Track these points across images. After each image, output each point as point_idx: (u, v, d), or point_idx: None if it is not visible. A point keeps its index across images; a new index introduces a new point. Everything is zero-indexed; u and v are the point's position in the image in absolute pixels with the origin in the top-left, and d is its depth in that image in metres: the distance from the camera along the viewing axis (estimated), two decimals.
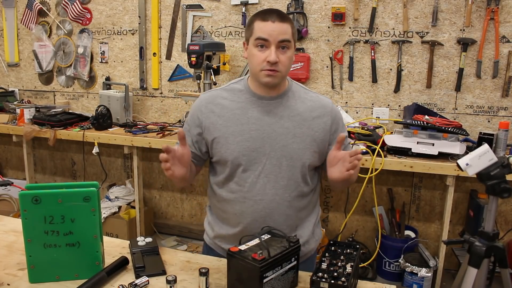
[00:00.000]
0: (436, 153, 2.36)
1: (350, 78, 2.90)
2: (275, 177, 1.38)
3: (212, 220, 1.55)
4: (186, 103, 3.32)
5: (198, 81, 2.82)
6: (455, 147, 2.35)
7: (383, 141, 2.47)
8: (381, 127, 2.76)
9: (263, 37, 1.31)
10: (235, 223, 1.43)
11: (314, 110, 1.43)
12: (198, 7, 3.15)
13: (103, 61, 3.50)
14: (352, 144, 2.48)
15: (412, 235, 2.82)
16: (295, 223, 1.45)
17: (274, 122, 1.39)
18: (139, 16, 3.29)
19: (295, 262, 1.20)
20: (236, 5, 3.03)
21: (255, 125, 1.38)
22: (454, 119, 2.71)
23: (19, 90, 3.84)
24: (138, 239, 1.41)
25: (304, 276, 1.25)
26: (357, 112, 2.94)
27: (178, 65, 3.29)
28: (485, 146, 1.42)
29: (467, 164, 1.41)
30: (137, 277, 1.23)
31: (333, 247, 1.34)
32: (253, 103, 1.40)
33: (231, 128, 1.39)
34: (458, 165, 1.43)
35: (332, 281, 1.13)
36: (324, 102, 1.46)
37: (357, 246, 1.33)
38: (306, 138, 1.40)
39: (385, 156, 2.42)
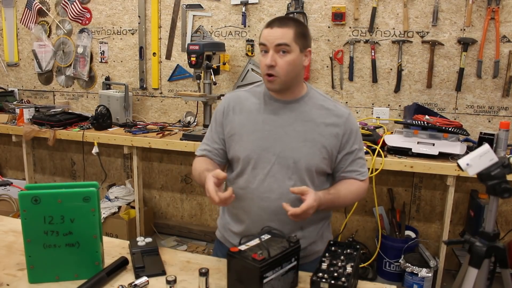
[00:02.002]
0: (437, 153, 2.35)
1: (350, 78, 2.90)
2: (282, 177, 1.41)
3: (223, 216, 1.60)
4: (186, 103, 3.32)
5: (198, 81, 2.82)
6: (455, 147, 2.34)
7: (384, 141, 2.46)
8: (381, 127, 2.76)
9: (262, 42, 1.38)
10: (243, 219, 1.48)
11: (328, 117, 1.44)
12: (198, 7, 3.14)
13: (102, 61, 3.50)
14: None
15: (413, 235, 2.82)
16: (299, 223, 1.45)
17: (287, 125, 1.43)
18: (139, 16, 3.28)
19: (295, 263, 1.20)
20: (236, 5, 3.03)
21: (269, 126, 1.43)
22: (455, 119, 2.71)
23: (18, 90, 3.84)
24: (138, 239, 1.41)
25: (304, 276, 1.25)
26: (357, 112, 2.94)
27: (178, 65, 3.29)
28: (486, 146, 1.42)
29: (467, 164, 1.41)
30: (137, 277, 1.23)
31: (333, 247, 1.34)
32: (270, 105, 1.46)
33: (246, 127, 1.45)
34: (458, 165, 1.42)
35: (332, 281, 1.13)
36: (340, 112, 1.46)
37: (357, 246, 1.33)
38: (317, 144, 1.42)
39: (385, 156, 2.41)
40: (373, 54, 2.81)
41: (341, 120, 1.45)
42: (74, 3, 3.40)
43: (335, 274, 1.16)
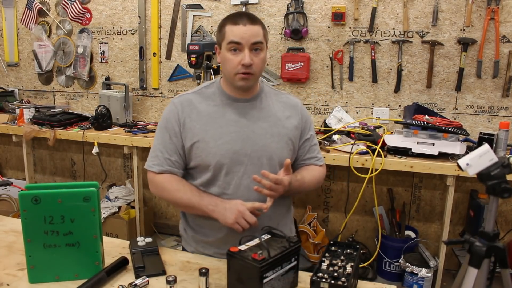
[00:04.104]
0: (436, 153, 2.35)
1: (350, 78, 2.90)
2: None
3: (192, 228, 1.52)
4: None
5: (198, 81, 2.82)
6: (455, 147, 2.35)
7: (383, 141, 2.46)
8: (381, 127, 2.76)
9: (235, 41, 1.32)
10: (220, 226, 1.39)
11: (286, 110, 1.48)
12: (198, 7, 3.15)
13: (103, 61, 3.50)
14: (352, 144, 2.48)
15: (412, 235, 2.82)
16: (277, 220, 1.47)
17: (252, 123, 1.41)
18: (139, 16, 3.28)
19: (295, 262, 1.20)
20: (236, 5, 3.03)
21: (234, 127, 1.40)
22: (455, 119, 2.71)
23: (18, 90, 3.84)
24: (138, 239, 1.41)
25: (304, 276, 1.25)
26: (357, 112, 2.94)
27: (178, 65, 3.29)
28: (486, 146, 1.42)
29: (467, 164, 1.41)
30: (137, 277, 1.23)
31: (333, 247, 1.34)
32: (229, 105, 1.42)
33: (210, 132, 1.39)
34: (458, 165, 1.42)
35: (332, 281, 1.13)
36: (294, 102, 1.52)
37: (357, 246, 1.33)
38: (283, 137, 1.44)
39: (385, 156, 2.41)
40: (373, 54, 2.81)
41: (296, 110, 1.49)
42: (74, 3, 3.41)
43: (335, 274, 1.16)
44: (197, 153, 1.39)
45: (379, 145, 2.44)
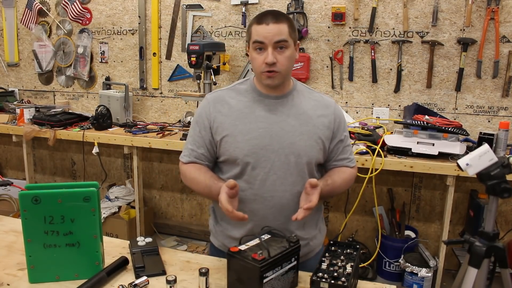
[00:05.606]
0: (436, 153, 2.35)
1: (350, 78, 2.90)
2: (283, 173, 1.40)
3: (219, 222, 1.55)
4: (186, 103, 3.32)
5: (198, 81, 2.82)
6: (455, 147, 2.35)
7: (383, 141, 2.46)
8: (381, 127, 2.76)
9: (259, 40, 1.35)
10: (246, 222, 1.39)
11: (318, 109, 1.46)
12: (198, 7, 3.15)
13: (103, 61, 3.50)
14: (352, 144, 2.48)
15: (412, 235, 2.82)
16: (303, 220, 1.45)
17: (281, 120, 1.41)
18: (139, 16, 3.29)
19: (295, 262, 1.20)
20: (236, 5, 3.03)
21: (263, 123, 1.41)
22: (454, 119, 2.71)
23: (19, 90, 3.84)
24: (138, 239, 1.41)
25: (304, 276, 1.25)
26: (357, 112, 2.94)
27: (178, 65, 3.29)
28: (485, 146, 1.42)
29: (467, 164, 1.41)
30: (137, 277, 1.23)
31: (333, 247, 1.34)
32: (260, 102, 1.44)
33: (239, 127, 1.41)
34: (458, 165, 1.43)
35: (332, 281, 1.13)
36: (327, 101, 1.50)
37: (357, 246, 1.33)
38: (312, 136, 1.43)
39: (385, 156, 2.42)
40: (373, 54, 2.81)
41: (329, 110, 1.48)
42: (75, 3, 3.41)
43: (335, 274, 1.16)
44: (226, 147, 1.42)
45: (379, 145, 2.44)
